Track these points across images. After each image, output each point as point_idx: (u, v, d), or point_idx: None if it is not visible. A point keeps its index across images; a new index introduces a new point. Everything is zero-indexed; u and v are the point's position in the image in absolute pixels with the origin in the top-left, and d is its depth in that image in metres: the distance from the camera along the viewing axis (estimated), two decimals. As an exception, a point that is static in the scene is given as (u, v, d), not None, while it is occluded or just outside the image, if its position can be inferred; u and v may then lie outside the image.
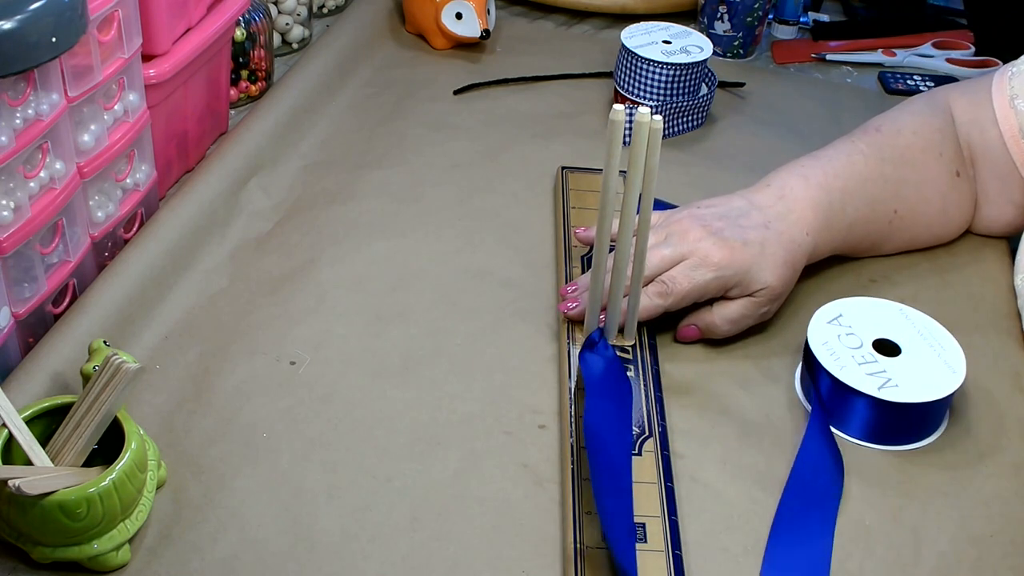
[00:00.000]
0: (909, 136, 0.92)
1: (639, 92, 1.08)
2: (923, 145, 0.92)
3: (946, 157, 0.93)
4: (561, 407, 0.77)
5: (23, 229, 0.72)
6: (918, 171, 0.91)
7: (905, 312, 0.81)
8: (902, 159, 0.91)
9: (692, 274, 0.81)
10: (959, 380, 0.76)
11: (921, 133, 0.92)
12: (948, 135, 0.93)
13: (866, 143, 0.91)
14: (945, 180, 0.93)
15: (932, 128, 0.93)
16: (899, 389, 0.75)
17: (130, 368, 0.64)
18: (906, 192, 0.91)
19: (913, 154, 0.91)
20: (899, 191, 0.91)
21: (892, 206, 0.91)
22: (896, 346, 0.79)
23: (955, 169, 0.93)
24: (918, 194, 0.92)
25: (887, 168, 0.90)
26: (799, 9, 1.30)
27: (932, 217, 0.94)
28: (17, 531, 0.63)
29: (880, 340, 0.79)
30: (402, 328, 0.84)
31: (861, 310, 0.82)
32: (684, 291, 0.81)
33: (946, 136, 0.93)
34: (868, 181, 0.89)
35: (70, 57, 0.74)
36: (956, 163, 0.93)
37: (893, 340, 0.79)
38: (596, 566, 0.65)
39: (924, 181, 0.92)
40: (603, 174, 0.74)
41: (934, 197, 0.93)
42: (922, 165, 0.92)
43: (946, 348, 0.78)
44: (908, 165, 0.91)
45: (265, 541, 0.67)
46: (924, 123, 0.93)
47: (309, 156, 1.03)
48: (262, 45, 1.08)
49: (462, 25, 1.18)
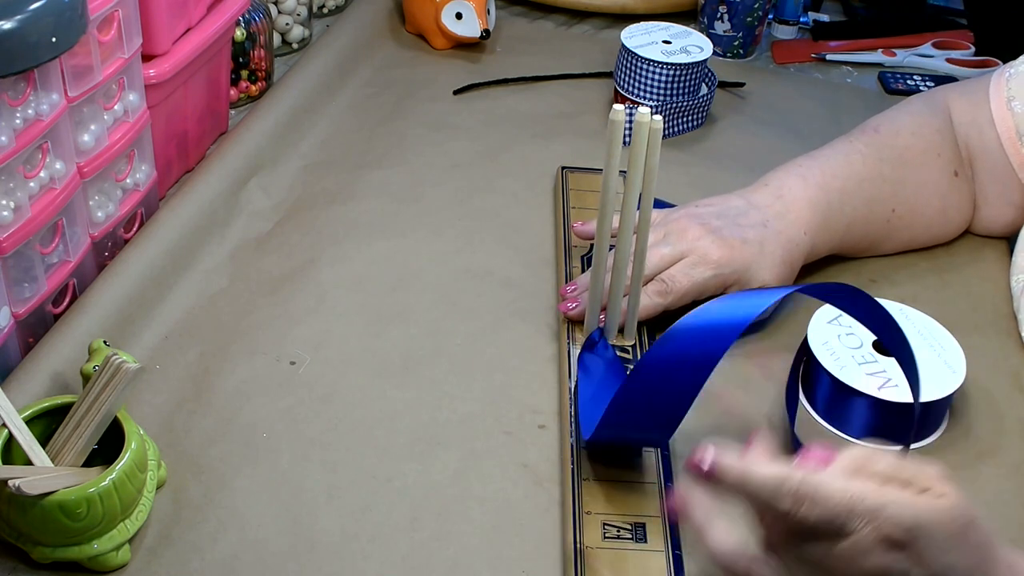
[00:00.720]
0: (908, 137, 0.92)
1: (639, 92, 1.08)
2: (922, 146, 0.92)
3: (944, 158, 0.93)
4: (561, 407, 0.77)
5: (23, 229, 0.72)
6: (917, 172, 0.91)
7: (905, 312, 0.81)
8: (901, 160, 0.91)
9: (691, 272, 0.81)
10: (959, 380, 0.76)
11: (920, 134, 0.92)
12: (947, 136, 0.93)
13: (864, 143, 0.91)
14: (944, 181, 0.93)
15: (931, 129, 0.93)
16: (899, 389, 0.75)
17: (130, 368, 0.64)
18: (904, 192, 0.91)
19: (912, 155, 0.91)
20: (897, 191, 0.91)
21: (890, 206, 0.91)
22: None
23: (953, 169, 0.93)
24: (916, 194, 0.92)
25: (885, 168, 0.90)
26: (799, 9, 1.30)
27: (931, 217, 0.94)
28: (17, 531, 0.63)
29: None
30: (402, 328, 0.84)
31: None
32: (683, 289, 0.81)
33: (945, 137, 0.93)
34: (866, 181, 0.89)
35: (70, 57, 0.74)
36: (955, 163, 0.93)
37: None
38: (596, 566, 0.65)
39: (923, 182, 0.92)
40: (603, 174, 0.74)
41: (933, 197, 0.93)
42: (920, 166, 0.92)
43: (946, 348, 0.78)
44: (907, 166, 0.91)
45: (265, 541, 0.67)
46: (923, 124, 0.93)
47: (309, 156, 1.03)
48: (262, 45, 1.08)
49: (462, 25, 1.18)
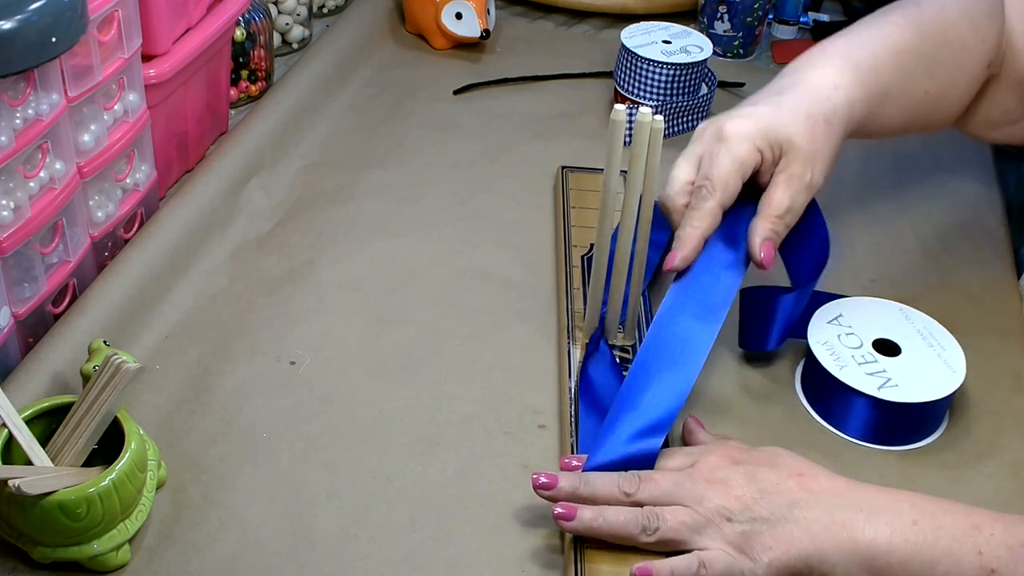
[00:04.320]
0: (955, 15, 0.83)
1: (639, 92, 1.08)
2: (968, 26, 0.83)
3: (987, 44, 0.84)
4: (561, 407, 0.77)
5: (23, 229, 0.72)
6: (956, 54, 0.83)
7: (905, 312, 0.81)
8: (943, 37, 0.83)
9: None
10: (959, 380, 0.76)
11: (970, 14, 0.84)
12: (996, 22, 0.85)
13: (901, 15, 0.83)
14: (978, 69, 0.85)
15: (983, 11, 0.84)
16: (899, 389, 0.75)
17: (130, 368, 0.64)
18: (940, 72, 0.83)
19: (954, 34, 0.83)
20: (933, 70, 0.83)
21: (925, 85, 0.83)
22: (896, 346, 0.79)
23: (990, 59, 0.85)
24: (951, 77, 0.84)
25: (925, 44, 0.82)
26: (799, 9, 1.30)
27: (953, 105, 0.86)
28: (17, 531, 0.63)
29: (880, 340, 0.79)
30: (402, 328, 0.84)
31: (861, 310, 0.81)
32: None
33: (994, 22, 0.85)
34: (902, 53, 0.81)
35: (70, 57, 0.74)
36: (994, 52, 0.85)
37: (893, 340, 0.79)
38: (596, 566, 0.65)
39: (959, 65, 0.84)
40: (604, 174, 0.74)
41: (962, 83, 0.85)
42: (961, 48, 0.83)
43: (946, 348, 0.78)
44: (947, 45, 0.83)
45: (265, 541, 0.67)
46: (976, 4, 0.84)
47: (309, 156, 1.03)
48: (262, 45, 1.08)
49: (462, 25, 1.18)
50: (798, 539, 0.63)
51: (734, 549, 0.64)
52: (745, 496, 0.64)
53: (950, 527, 0.63)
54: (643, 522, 0.65)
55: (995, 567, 0.61)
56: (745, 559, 0.63)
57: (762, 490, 0.65)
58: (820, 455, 0.73)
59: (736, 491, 0.65)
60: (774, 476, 0.66)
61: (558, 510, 0.66)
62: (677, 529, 0.64)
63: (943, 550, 0.62)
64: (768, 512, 0.64)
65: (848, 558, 0.63)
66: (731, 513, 0.64)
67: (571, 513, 0.65)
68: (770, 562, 0.63)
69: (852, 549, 0.63)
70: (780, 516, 0.64)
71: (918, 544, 0.62)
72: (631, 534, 0.65)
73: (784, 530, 0.63)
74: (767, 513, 0.64)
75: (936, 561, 0.62)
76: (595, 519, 0.65)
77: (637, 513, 0.65)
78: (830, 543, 0.63)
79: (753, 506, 0.64)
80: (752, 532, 0.64)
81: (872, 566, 0.62)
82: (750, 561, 0.63)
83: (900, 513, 0.63)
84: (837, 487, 0.65)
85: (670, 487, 0.66)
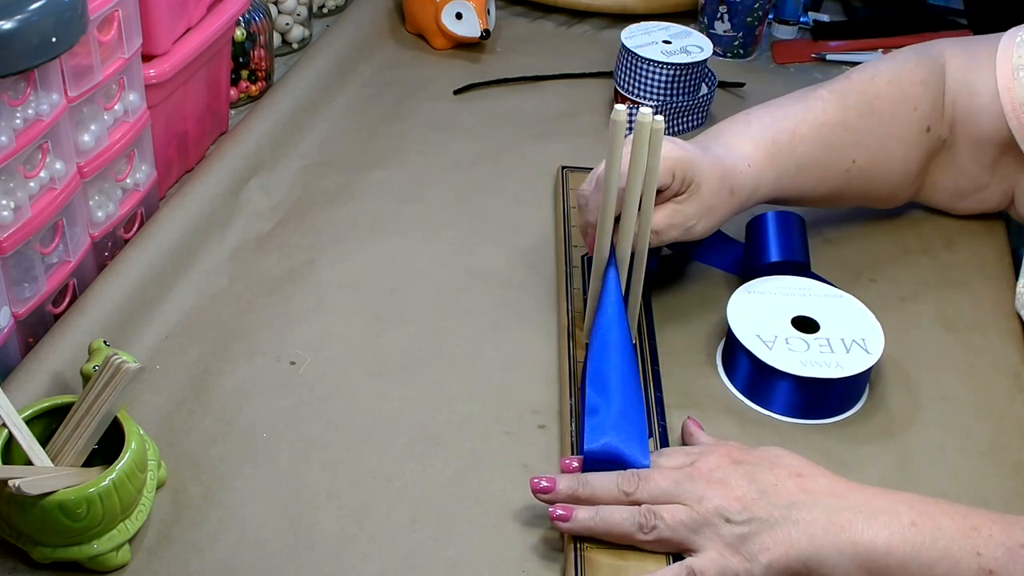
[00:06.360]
0: (883, 85, 0.88)
1: (639, 92, 1.08)
2: (897, 96, 0.88)
3: (920, 111, 0.88)
4: (561, 407, 0.77)
5: (23, 229, 0.72)
6: (885, 124, 0.87)
7: (823, 288, 0.83)
8: (869, 108, 0.87)
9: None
10: (876, 356, 0.78)
11: (898, 83, 0.88)
12: (932, 89, 0.88)
13: (829, 89, 0.88)
14: (913, 136, 0.88)
15: (913, 79, 0.88)
16: (820, 367, 0.77)
17: (130, 368, 0.64)
18: (868, 142, 0.87)
19: (883, 104, 0.87)
20: (860, 140, 0.87)
21: (851, 156, 0.87)
22: (815, 323, 0.80)
23: (927, 125, 0.89)
24: (881, 146, 0.88)
25: (849, 115, 0.86)
26: (799, 9, 1.30)
27: (892, 172, 0.90)
28: (17, 531, 0.63)
29: (799, 317, 0.81)
30: (402, 328, 0.84)
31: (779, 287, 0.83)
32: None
33: (928, 89, 0.88)
34: (824, 126, 0.85)
35: (70, 57, 0.74)
36: (930, 119, 0.89)
37: (812, 316, 0.81)
38: (596, 566, 0.65)
39: (889, 134, 0.88)
40: (604, 174, 0.74)
41: (897, 151, 0.89)
42: (891, 117, 0.87)
43: (865, 323, 0.80)
44: (875, 115, 0.87)
45: (265, 541, 0.67)
46: (906, 73, 0.88)
47: (309, 156, 1.03)
48: (262, 45, 1.08)
49: (462, 25, 1.18)
50: (797, 540, 0.63)
51: (729, 551, 0.64)
52: (744, 497, 0.64)
53: (948, 528, 0.63)
54: (640, 521, 0.65)
55: (993, 568, 0.61)
56: (741, 561, 0.63)
57: (761, 491, 0.65)
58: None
59: (735, 491, 0.65)
60: (773, 477, 0.66)
61: (556, 511, 0.66)
62: (675, 528, 0.64)
63: (942, 551, 0.62)
64: (767, 513, 0.64)
65: (847, 559, 0.63)
66: (730, 514, 0.64)
67: (568, 514, 0.65)
68: (769, 563, 0.63)
69: (851, 551, 0.63)
70: (779, 517, 0.64)
71: (917, 545, 0.62)
72: (628, 533, 0.65)
73: (783, 531, 0.63)
74: (766, 514, 0.64)
75: (935, 562, 0.62)
76: (592, 519, 0.65)
77: (634, 512, 0.65)
78: (829, 544, 0.63)
79: (752, 507, 0.64)
80: (750, 533, 0.63)
81: (871, 568, 0.62)
82: (746, 562, 0.63)
83: (899, 514, 0.63)
84: (836, 488, 0.65)
85: (669, 486, 0.66)
